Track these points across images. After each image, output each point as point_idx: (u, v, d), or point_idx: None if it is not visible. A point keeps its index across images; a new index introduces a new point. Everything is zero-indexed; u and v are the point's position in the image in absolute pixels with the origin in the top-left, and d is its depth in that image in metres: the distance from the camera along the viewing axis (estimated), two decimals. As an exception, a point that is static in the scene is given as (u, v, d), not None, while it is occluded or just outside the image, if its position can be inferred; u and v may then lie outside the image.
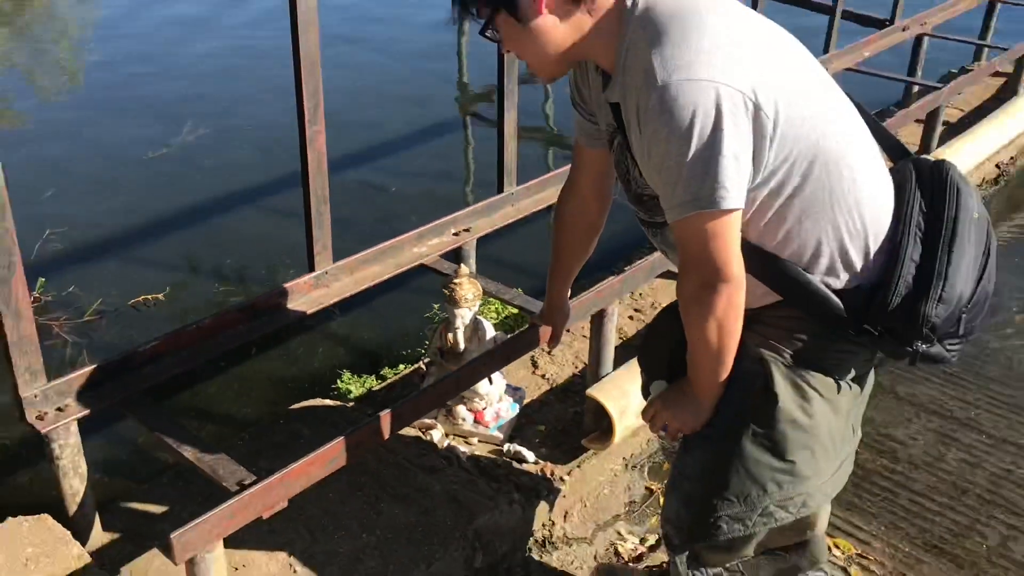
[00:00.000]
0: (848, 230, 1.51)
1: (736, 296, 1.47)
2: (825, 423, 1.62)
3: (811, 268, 1.52)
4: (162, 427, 2.04)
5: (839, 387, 1.63)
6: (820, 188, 1.47)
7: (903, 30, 5.04)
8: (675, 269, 1.65)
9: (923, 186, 1.57)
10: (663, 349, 1.76)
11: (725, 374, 1.57)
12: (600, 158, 1.76)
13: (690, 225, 1.41)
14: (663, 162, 1.38)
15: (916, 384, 3.20)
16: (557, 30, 1.44)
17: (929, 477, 2.77)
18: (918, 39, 5.15)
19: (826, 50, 4.56)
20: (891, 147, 1.67)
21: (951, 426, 2.99)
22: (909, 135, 4.78)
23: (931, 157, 1.69)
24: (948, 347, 1.55)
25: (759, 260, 1.50)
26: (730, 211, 1.39)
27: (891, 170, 1.62)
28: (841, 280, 1.54)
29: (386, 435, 1.99)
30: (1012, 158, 4.80)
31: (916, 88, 4.90)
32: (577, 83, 1.68)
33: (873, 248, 1.54)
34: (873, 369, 1.75)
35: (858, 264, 1.53)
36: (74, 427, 2.05)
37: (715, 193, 1.36)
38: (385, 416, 1.99)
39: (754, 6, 3.85)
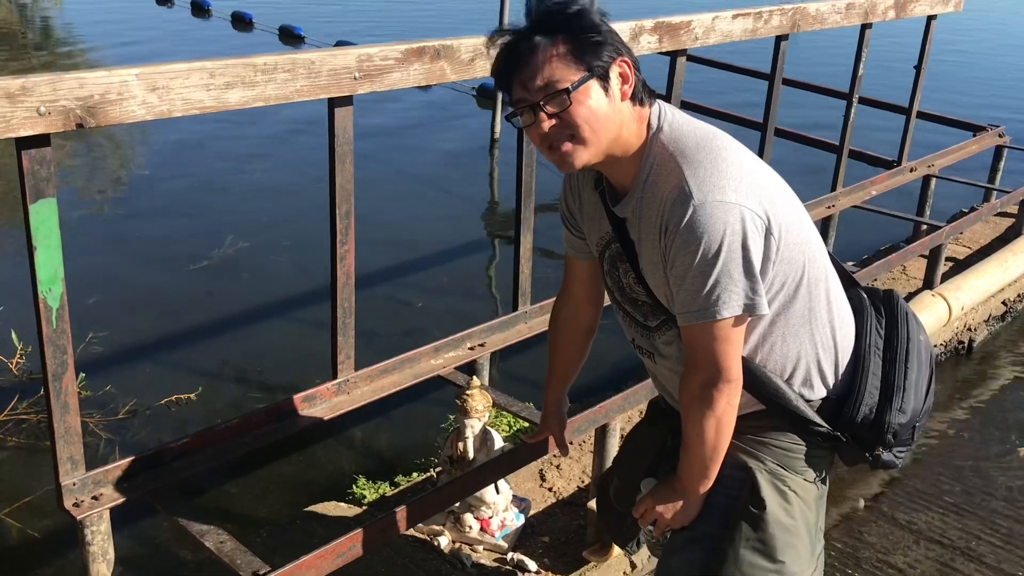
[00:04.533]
0: (823, 346, 1.70)
1: (735, 397, 1.63)
2: (804, 521, 1.76)
3: (791, 380, 1.70)
4: (186, 518, 2.19)
5: (812, 487, 1.77)
6: (803, 307, 1.66)
7: (910, 171, 5.29)
8: (659, 375, 1.82)
9: (878, 312, 1.77)
10: (647, 453, 1.92)
11: (715, 471, 1.71)
12: (590, 268, 1.93)
13: (705, 329, 1.57)
14: (688, 270, 1.54)
15: (917, 512, 3.27)
16: (618, 119, 1.58)
17: (927, 605, 2.82)
18: (925, 180, 5.39)
19: (833, 188, 4.77)
20: (844, 276, 1.86)
21: (950, 555, 3.05)
22: (915, 271, 4.97)
23: (880, 288, 1.89)
24: (897, 454, 1.72)
25: (746, 371, 1.66)
26: (743, 318, 1.57)
27: (847, 296, 1.80)
28: (815, 391, 1.71)
29: (393, 534, 2.12)
30: (1020, 295, 4.94)
31: (924, 227, 5.10)
32: (567, 202, 1.87)
33: (842, 363, 1.73)
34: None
35: (829, 377, 1.72)
36: (106, 515, 2.20)
37: (738, 301, 1.54)
38: (392, 516, 2.13)
39: (763, 142, 4.11)
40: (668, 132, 1.61)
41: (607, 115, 1.56)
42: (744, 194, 1.53)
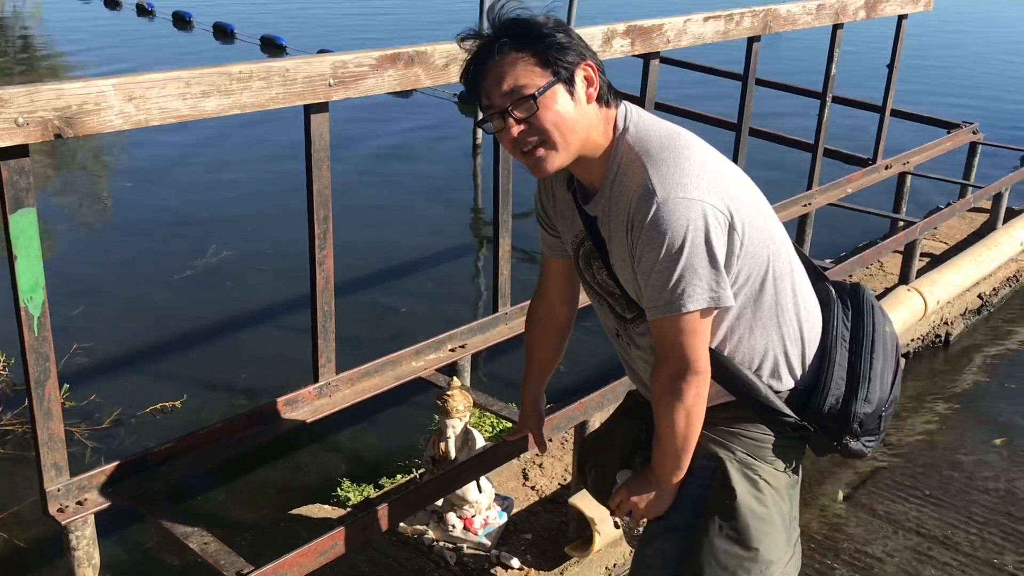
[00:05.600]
0: (790, 338, 1.75)
1: (704, 388, 1.68)
2: (777, 509, 1.80)
3: (759, 371, 1.74)
4: (171, 521, 2.22)
5: (783, 476, 1.81)
6: (769, 300, 1.71)
7: (886, 168, 5.36)
8: (634, 365, 1.86)
9: (845, 304, 1.82)
10: (622, 445, 1.96)
11: (687, 462, 1.76)
12: (565, 266, 1.98)
13: (672, 323, 1.62)
14: (653, 266, 1.59)
15: (894, 503, 3.32)
16: (585, 120, 1.62)
17: (903, 592, 2.87)
18: (901, 177, 5.46)
19: (809, 186, 4.84)
20: (811, 270, 1.91)
21: (927, 544, 3.10)
22: (891, 267, 5.04)
23: (847, 281, 1.94)
24: (866, 443, 1.76)
25: (715, 363, 1.71)
26: (709, 311, 1.62)
27: (814, 289, 1.85)
28: (783, 382, 1.76)
29: (375, 532, 2.16)
30: (995, 289, 5.02)
31: (901, 223, 5.17)
32: (542, 201, 1.91)
33: (809, 355, 1.77)
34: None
35: (797, 368, 1.77)
36: (91, 520, 2.23)
37: (703, 294, 1.59)
38: (373, 514, 2.16)
39: (737, 143, 4.17)
40: (633, 132, 1.66)
41: (574, 118, 1.61)
42: (706, 190, 1.58)
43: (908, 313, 4.24)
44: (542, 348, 2.13)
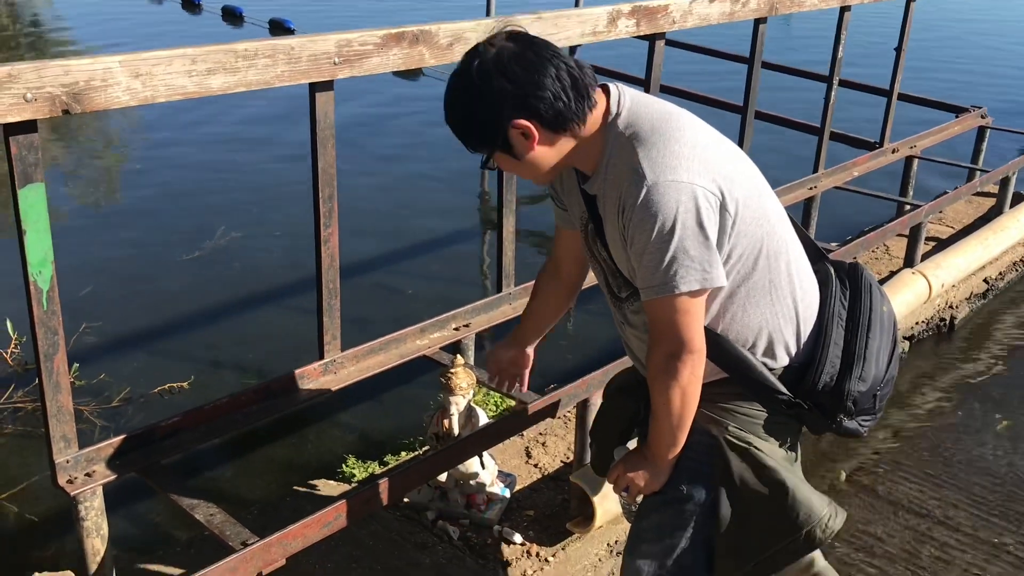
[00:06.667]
0: (784, 316, 1.76)
1: (699, 367, 1.70)
2: (780, 477, 1.79)
3: (753, 349, 1.76)
4: (178, 493, 2.26)
5: (780, 452, 1.83)
6: (763, 279, 1.73)
7: (893, 152, 5.35)
8: (629, 343, 1.89)
9: (843, 283, 1.83)
10: (620, 422, 1.99)
11: (683, 438, 1.78)
12: (576, 237, 2.00)
13: (665, 303, 1.64)
14: (645, 248, 1.62)
15: (897, 484, 3.34)
16: (547, 155, 1.71)
17: (905, 572, 2.89)
18: (908, 161, 5.45)
19: (816, 169, 4.83)
20: (812, 250, 1.92)
21: (928, 524, 3.13)
22: (897, 250, 5.04)
23: (846, 261, 1.95)
24: (861, 422, 1.78)
25: (709, 340, 1.73)
26: (702, 291, 1.64)
27: (813, 269, 1.87)
28: (777, 360, 1.78)
29: (377, 504, 2.19)
30: (1001, 273, 5.02)
31: (907, 207, 5.16)
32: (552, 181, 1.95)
33: (804, 333, 1.79)
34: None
35: (792, 346, 1.78)
36: (100, 491, 2.27)
37: (695, 276, 1.61)
38: (376, 486, 2.19)
39: (743, 125, 4.17)
40: (625, 117, 1.69)
41: (530, 162, 1.70)
42: (696, 172, 1.60)
43: (912, 296, 4.24)
44: (544, 303, 2.16)
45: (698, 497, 1.83)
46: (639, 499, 1.93)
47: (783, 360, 1.79)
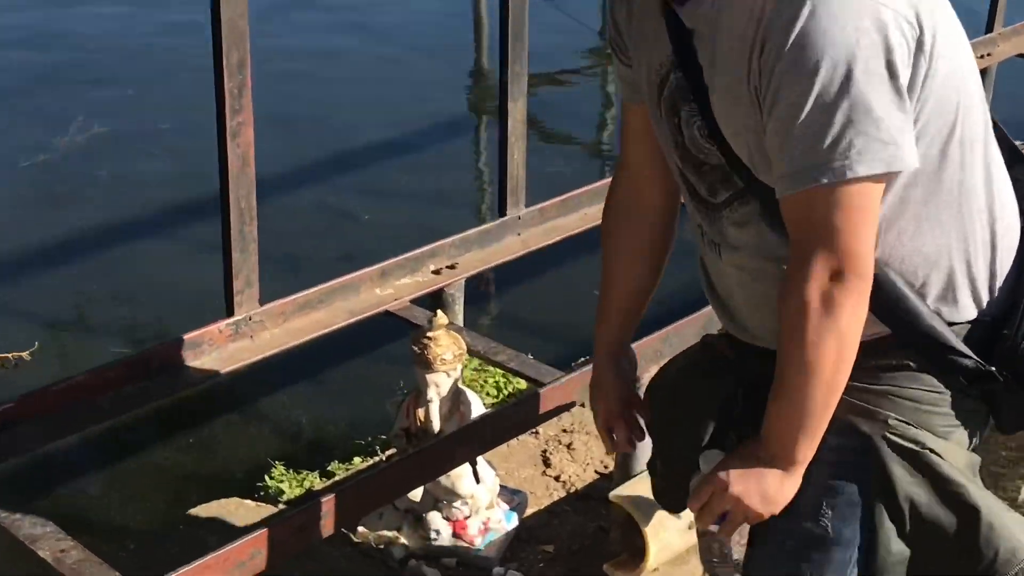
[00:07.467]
0: (975, 241, 1.70)
1: (864, 302, 1.61)
2: (970, 496, 1.75)
3: (923, 290, 1.71)
4: (11, 518, 2.24)
5: (962, 454, 1.78)
6: (952, 179, 1.66)
7: (1106, 2, 5.27)
8: (725, 281, 1.84)
9: None
10: (701, 418, 1.94)
11: (826, 423, 1.73)
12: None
13: (828, 197, 1.55)
14: (798, 109, 1.53)
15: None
16: None
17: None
18: None
19: (990, 28, 4.79)
20: (1006, 147, 1.87)
21: None
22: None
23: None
24: None
25: None
26: (885, 177, 1.56)
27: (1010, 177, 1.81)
28: (960, 309, 1.71)
29: (315, 534, 2.17)
30: None
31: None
32: (614, 11, 1.86)
33: (1000, 271, 1.74)
34: None
35: (982, 290, 1.72)
36: None
37: (879, 151, 1.53)
38: (315, 509, 2.17)
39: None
40: None
41: None
42: None
43: None
44: (627, 258, 2.07)
45: (846, 533, 1.78)
46: (738, 537, 1.88)
47: (968, 310, 1.72)
